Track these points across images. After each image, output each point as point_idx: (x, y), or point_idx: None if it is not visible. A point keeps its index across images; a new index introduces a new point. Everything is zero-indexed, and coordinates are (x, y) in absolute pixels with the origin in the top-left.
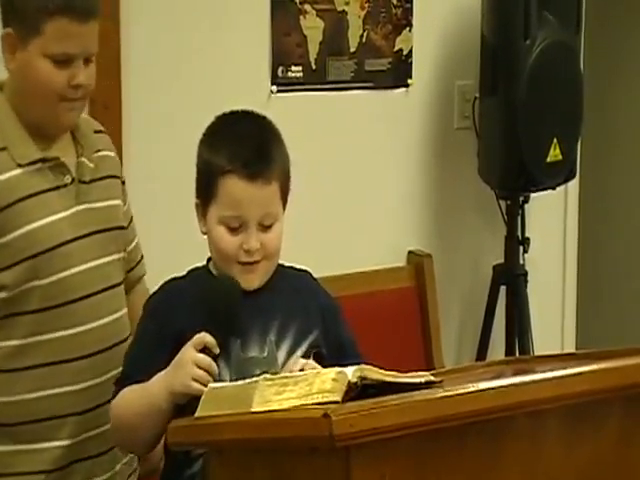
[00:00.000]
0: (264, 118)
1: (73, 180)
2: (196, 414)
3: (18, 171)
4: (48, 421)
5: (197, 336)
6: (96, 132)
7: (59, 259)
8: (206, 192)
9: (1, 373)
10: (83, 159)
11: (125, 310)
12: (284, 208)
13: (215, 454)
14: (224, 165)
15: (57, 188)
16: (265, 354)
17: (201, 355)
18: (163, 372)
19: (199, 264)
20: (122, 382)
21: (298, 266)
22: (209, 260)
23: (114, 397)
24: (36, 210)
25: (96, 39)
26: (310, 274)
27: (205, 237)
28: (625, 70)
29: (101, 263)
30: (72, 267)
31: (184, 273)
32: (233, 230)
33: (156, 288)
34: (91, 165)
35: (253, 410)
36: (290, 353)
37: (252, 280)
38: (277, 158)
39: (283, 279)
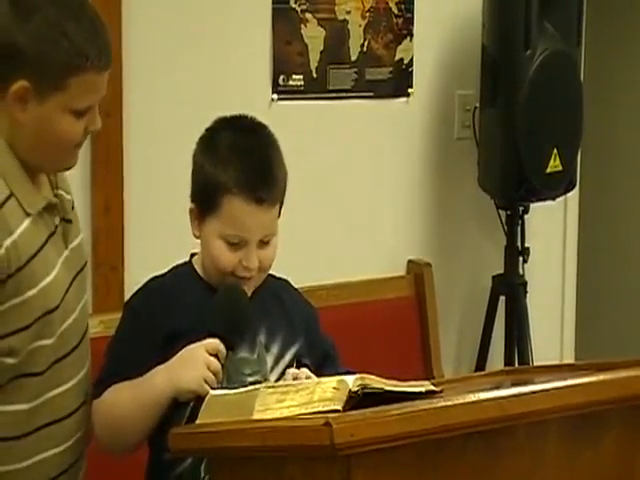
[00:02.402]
0: (265, 127)
1: (61, 220)
2: (197, 421)
3: (27, 222)
4: None
5: (212, 341)
6: None
7: (62, 313)
8: (206, 204)
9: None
10: (61, 192)
11: None
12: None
13: (216, 461)
14: (230, 186)
15: (52, 234)
16: (255, 355)
17: (214, 359)
18: (163, 367)
19: (181, 261)
20: (107, 381)
21: (277, 275)
22: (192, 256)
23: (97, 397)
24: (43, 265)
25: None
26: (289, 282)
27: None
28: (625, 81)
29: (80, 308)
30: (68, 318)
31: (166, 270)
32: (233, 245)
33: (139, 287)
34: (68, 197)
35: (254, 418)
36: (278, 358)
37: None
38: (280, 177)
39: (266, 287)
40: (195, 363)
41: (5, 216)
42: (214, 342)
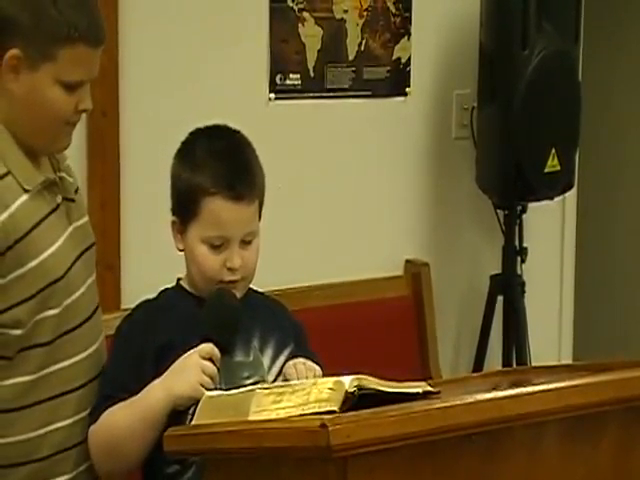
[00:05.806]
0: (238, 132)
1: (63, 199)
2: (193, 422)
3: (25, 197)
4: (54, 456)
5: (205, 345)
6: None
7: (67, 286)
8: (186, 211)
9: (3, 413)
10: (63, 174)
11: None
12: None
13: (212, 462)
14: (208, 187)
15: (54, 210)
16: (251, 359)
17: (208, 362)
18: (158, 380)
19: (168, 285)
20: (101, 405)
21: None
22: (179, 280)
23: (93, 423)
24: (45, 237)
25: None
26: (280, 301)
27: (181, 254)
28: (623, 80)
29: (89, 283)
30: (74, 292)
31: (155, 295)
32: (216, 248)
33: (130, 311)
34: (70, 180)
35: (250, 419)
36: (273, 359)
37: None
38: (258, 176)
39: (255, 296)
40: (190, 369)
41: (1, 192)
42: (207, 346)
